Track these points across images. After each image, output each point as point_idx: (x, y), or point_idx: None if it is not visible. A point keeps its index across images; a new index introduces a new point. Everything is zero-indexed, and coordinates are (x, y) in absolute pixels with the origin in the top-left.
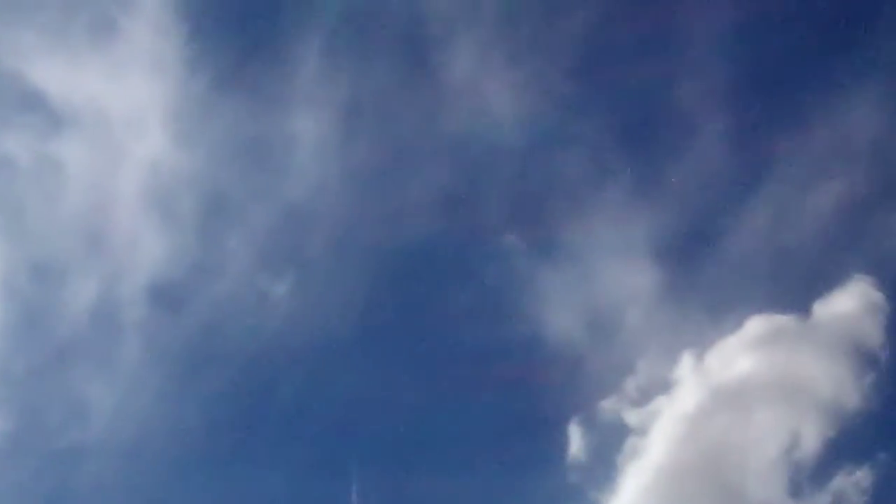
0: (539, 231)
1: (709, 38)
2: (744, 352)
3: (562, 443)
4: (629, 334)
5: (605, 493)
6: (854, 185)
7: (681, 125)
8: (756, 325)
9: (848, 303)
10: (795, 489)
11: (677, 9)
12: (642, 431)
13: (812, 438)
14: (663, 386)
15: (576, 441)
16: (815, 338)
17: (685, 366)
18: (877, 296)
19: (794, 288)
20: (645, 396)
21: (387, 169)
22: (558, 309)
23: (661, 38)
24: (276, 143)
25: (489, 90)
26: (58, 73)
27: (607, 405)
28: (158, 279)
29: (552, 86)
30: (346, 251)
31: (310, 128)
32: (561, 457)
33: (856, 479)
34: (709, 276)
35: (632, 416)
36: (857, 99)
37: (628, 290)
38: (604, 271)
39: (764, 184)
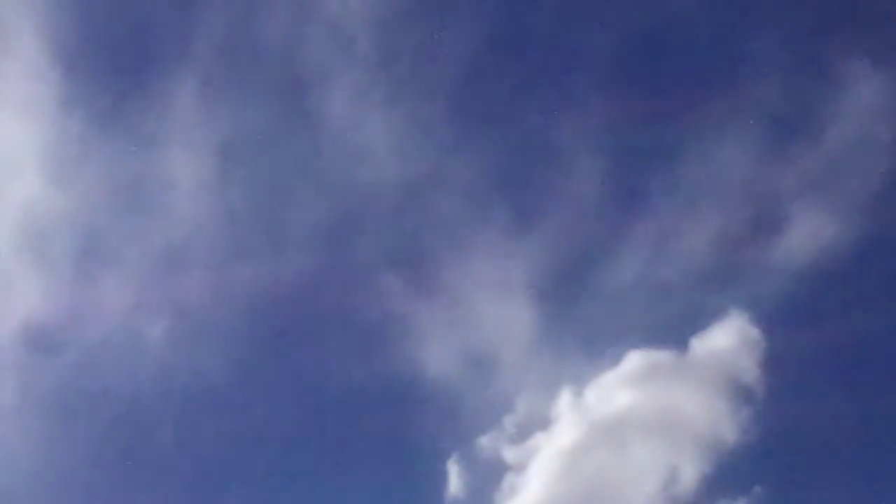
0: (417, 270)
1: (584, 76)
2: (622, 387)
3: (441, 480)
4: (507, 372)
5: None
6: (729, 221)
7: (556, 164)
8: (634, 360)
9: (725, 338)
10: None
11: (552, 49)
12: (521, 468)
13: (690, 473)
14: (542, 422)
15: (454, 478)
16: (693, 373)
17: (564, 402)
18: (753, 331)
19: (672, 324)
20: (523, 433)
21: (263, 209)
22: (436, 347)
23: (536, 78)
24: (152, 183)
25: (366, 130)
26: None
27: (486, 442)
28: (33, 322)
29: (429, 126)
30: (223, 293)
31: (186, 168)
32: (440, 494)
33: None
34: (586, 312)
35: (510, 453)
36: (731, 136)
37: (506, 328)
38: (482, 310)
39: (639, 221)
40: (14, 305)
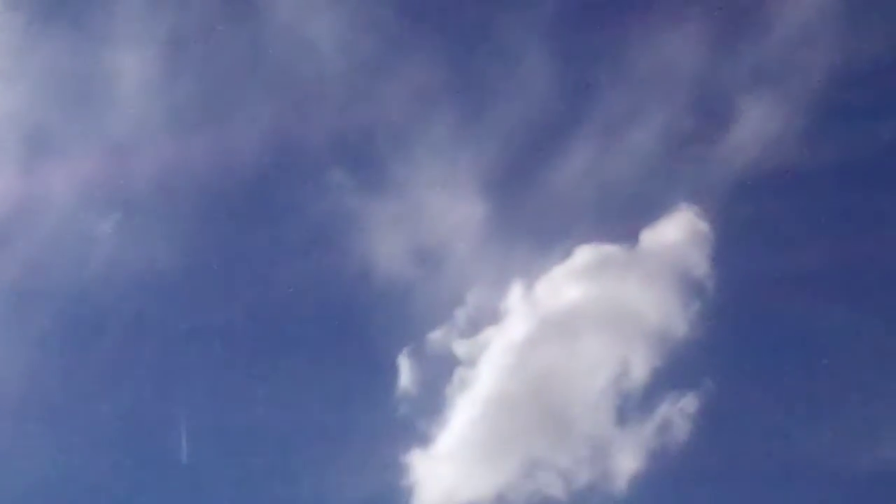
0: (365, 166)
1: None
2: (572, 281)
3: (391, 376)
4: (458, 266)
5: (435, 424)
6: (677, 116)
7: (504, 59)
8: (584, 254)
9: (674, 232)
10: (622, 416)
11: None
12: (472, 362)
13: (640, 367)
14: (493, 317)
15: (405, 373)
16: (643, 267)
17: (514, 296)
18: (702, 225)
19: (622, 218)
20: (474, 327)
21: (211, 104)
22: (386, 243)
23: None
24: (98, 79)
25: (313, 25)
26: None
27: (436, 337)
28: None
29: (378, 20)
30: (172, 188)
31: (133, 64)
32: (391, 390)
33: (681, 406)
34: (536, 207)
35: (461, 347)
36: (679, 29)
37: (456, 224)
38: (431, 205)
39: (588, 116)
40: None
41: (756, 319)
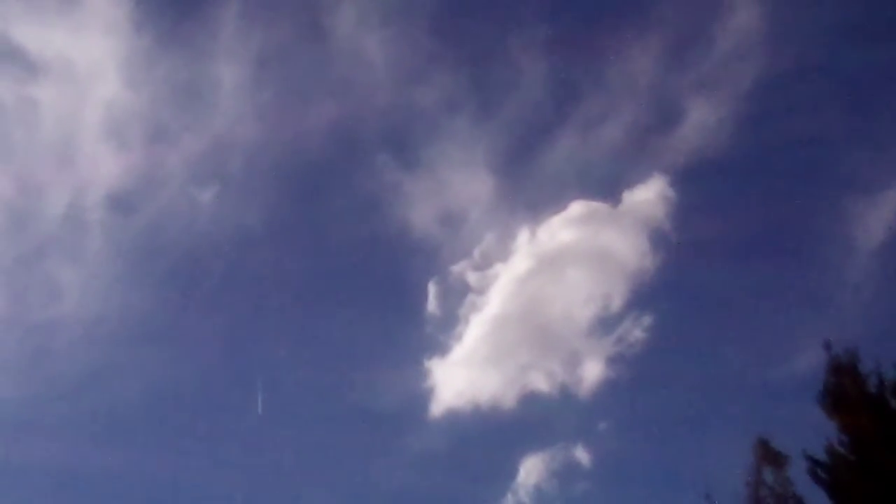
0: (405, 151)
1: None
2: (567, 228)
3: (422, 300)
4: (477, 219)
5: (452, 338)
6: (640, 111)
7: (509, 68)
8: (578, 208)
9: (650, 195)
10: (595, 330)
11: None
12: (482, 290)
13: (615, 295)
14: (503, 254)
15: (432, 299)
16: (624, 219)
17: (522, 239)
18: (670, 191)
19: (609, 182)
20: (488, 263)
21: (289, 105)
22: (420, 207)
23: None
24: (204, 85)
25: (368, 44)
26: (33, 32)
27: (457, 270)
28: (115, 190)
29: (416, 43)
30: (259, 167)
31: (230, 74)
32: (421, 311)
33: (641, 322)
34: (540, 173)
35: (474, 278)
36: (638, 47)
37: (475, 191)
38: (454, 179)
39: (574, 113)
40: (100, 179)
41: (709, 262)
